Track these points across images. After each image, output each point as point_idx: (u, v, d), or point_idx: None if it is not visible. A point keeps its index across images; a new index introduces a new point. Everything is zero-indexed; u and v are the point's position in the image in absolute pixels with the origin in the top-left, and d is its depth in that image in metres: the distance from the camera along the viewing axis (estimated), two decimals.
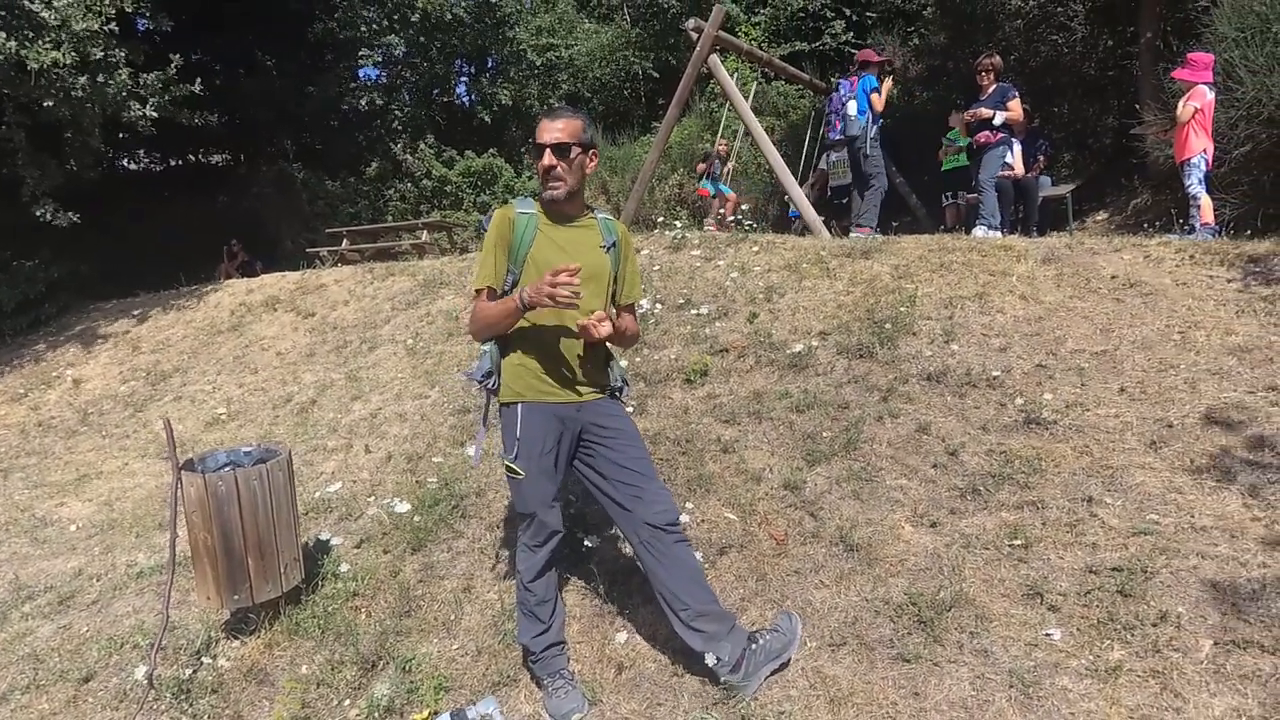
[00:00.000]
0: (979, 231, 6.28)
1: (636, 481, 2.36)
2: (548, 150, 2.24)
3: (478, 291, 2.39)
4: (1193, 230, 5.41)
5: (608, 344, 2.44)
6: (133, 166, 16.54)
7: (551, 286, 2.08)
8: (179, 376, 6.80)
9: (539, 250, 2.32)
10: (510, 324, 2.30)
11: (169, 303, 8.76)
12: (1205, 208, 5.39)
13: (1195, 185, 5.43)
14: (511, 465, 2.37)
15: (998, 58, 6.64)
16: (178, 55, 8.96)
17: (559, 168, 2.25)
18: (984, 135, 6.57)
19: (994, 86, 6.56)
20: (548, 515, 2.41)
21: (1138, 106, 7.52)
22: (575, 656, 2.64)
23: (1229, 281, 4.36)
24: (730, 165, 9.92)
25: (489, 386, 2.41)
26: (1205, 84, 5.43)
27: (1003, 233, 6.35)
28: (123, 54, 8.39)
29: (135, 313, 8.75)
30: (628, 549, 3.10)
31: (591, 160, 2.35)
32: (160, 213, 14.28)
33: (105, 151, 10.92)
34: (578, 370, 2.37)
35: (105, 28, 7.97)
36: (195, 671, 2.74)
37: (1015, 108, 6.45)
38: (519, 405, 2.37)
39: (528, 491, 2.38)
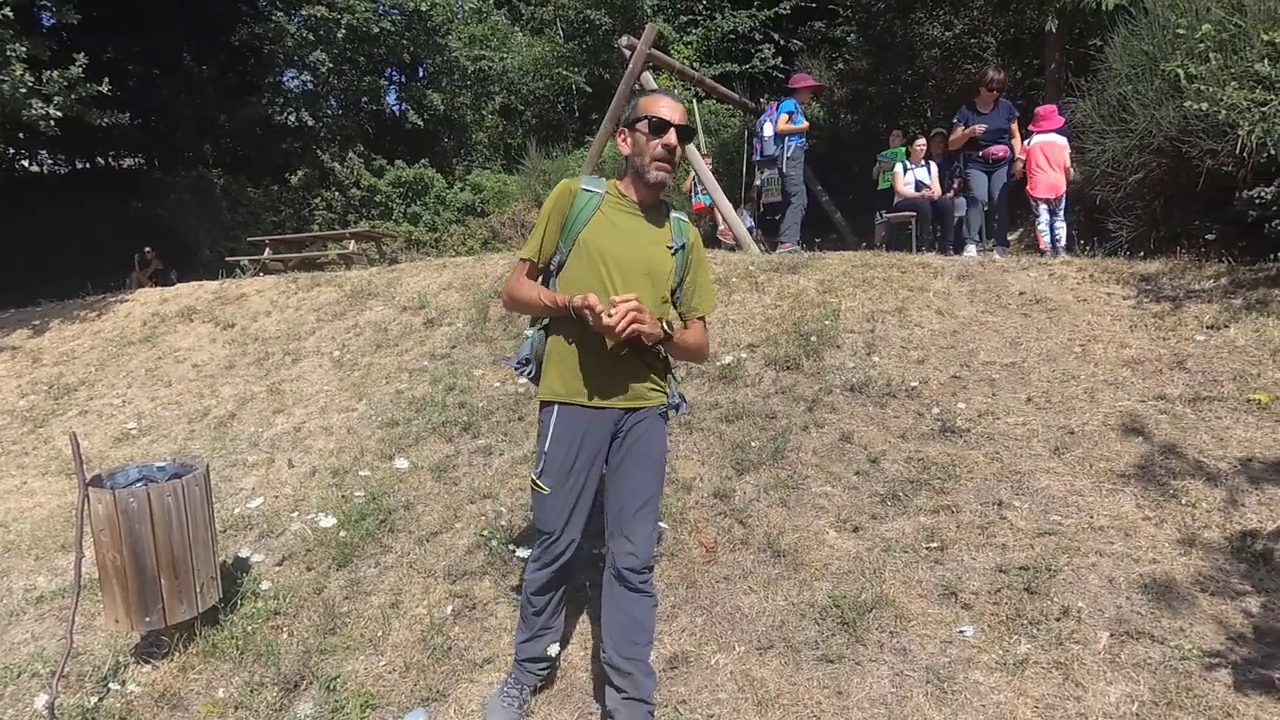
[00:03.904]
0: (971, 250, 6.51)
1: (623, 513, 2.19)
2: (674, 130, 2.07)
3: (522, 260, 2.20)
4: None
5: (665, 352, 2.26)
6: (34, 169, 15.64)
7: (608, 319, 1.91)
8: (85, 390, 6.43)
9: (594, 232, 2.12)
10: (549, 315, 2.16)
11: (73, 313, 8.28)
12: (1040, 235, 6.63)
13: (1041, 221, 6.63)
14: (537, 482, 2.19)
15: (1003, 74, 6.66)
16: (84, 53, 8.53)
17: (679, 151, 2.11)
18: (1001, 150, 6.59)
19: (998, 102, 6.60)
20: (569, 531, 2.22)
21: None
22: (507, 666, 2.62)
23: (1124, 299, 4.68)
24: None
25: (527, 374, 2.23)
26: (1041, 133, 6.62)
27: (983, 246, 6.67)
28: (22, 48, 7.93)
29: (35, 323, 8.23)
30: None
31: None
32: (65, 218, 13.54)
33: (3, 151, 10.27)
34: (631, 375, 2.16)
35: None
36: (101, 699, 2.59)
37: (1014, 128, 6.70)
38: (554, 408, 2.17)
39: (550, 508, 2.20)
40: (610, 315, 1.91)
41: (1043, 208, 6.62)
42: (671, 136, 2.08)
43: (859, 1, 11.03)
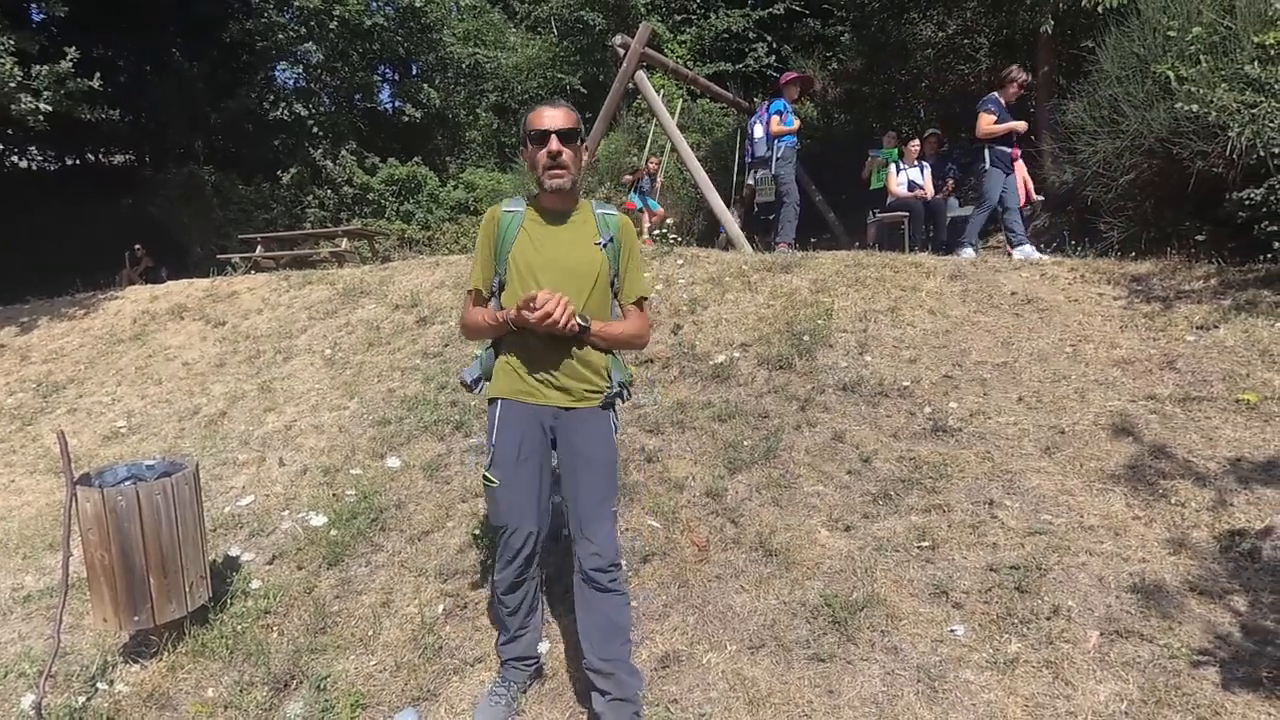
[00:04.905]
0: (1025, 252, 6.18)
1: (583, 515, 2.23)
2: (554, 136, 2.13)
3: (469, 292, 2.36)
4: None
5: (597, 344, 2.27)
6: (23, 164, 15.51)
7: (529, 316, 2.04)
8: (74, 388, 6.39)
9: (520, 250, 2.23)
10: (499, 334, 2.28)
11: (62, 310, 8.23)
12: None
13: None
14: (488, 475, 2.25)
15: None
16: (74, 48, 8.47)
17: (565, 154, 2.15)
18: (1018, 151, 6.44)
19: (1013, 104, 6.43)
20: (520, 527, 2.24)
21: (1033, 137, 8.03)
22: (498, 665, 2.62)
23: (1115, 299, 4.70)
24: (660, 182, 10.06)
25: (476, 391, 2.36)
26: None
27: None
28: (10, 42, 7.87)
29: (23, 320, 8.17)
30: (550, 559, 3.10)
31: (585, 154, 2.29)
32: (55, 214, 13.46)
33: None
34: (563, 375, 2.23)
35: None
36: (89, 699, 2.58)
37: None
38: (498, 402, 2.28)
39: (501, 501, 2.24)
40: (533, 310, 2.03)
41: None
42: (553, 143, 2.14)
43: (853, 1, 11.04)
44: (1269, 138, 4.50)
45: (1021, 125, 6.30)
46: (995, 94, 6.39)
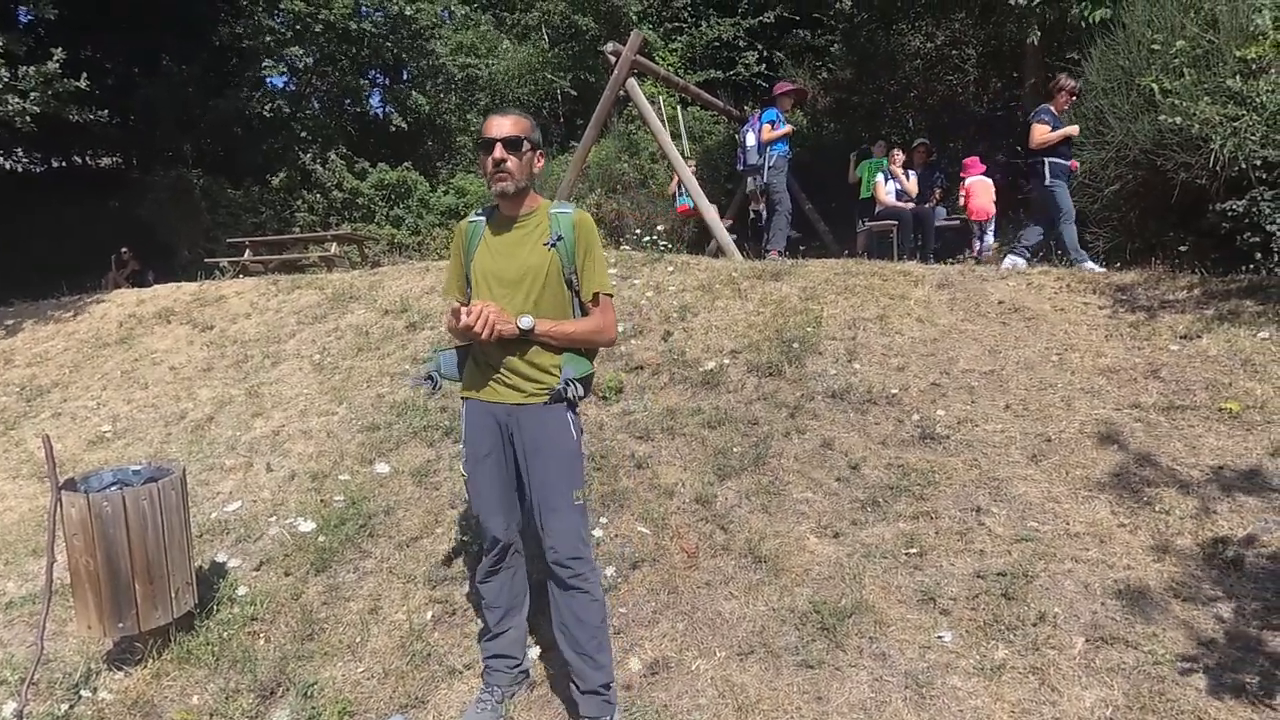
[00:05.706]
0: (1013, 261, 6.05)
1: (542, 508, 2.28)
2: (498, 144, 2.19)
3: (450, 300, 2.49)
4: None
5: (549, 344, 2.29)
6: (8, 166, 15.37)
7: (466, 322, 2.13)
8: (58, 392, 6.33)
9: (479, 258, 2.34)
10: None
11: (47, 313, 8.14)
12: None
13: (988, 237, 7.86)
14: (463, 470, 2.40)
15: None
16: (61, 49, 8.40)
17: (509, 161, 2.19)
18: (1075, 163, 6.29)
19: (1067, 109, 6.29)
20: (489, 520, 2.37)
21: (1020, 148, 8.12)
22: None
23: (1100, 308, 4.75)
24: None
25: (428, 388, 2.48)
26: (972, 176, 8.03)
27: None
28: None
29: (8, 323, 8.09)
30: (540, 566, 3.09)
31: (539, 161, 2.32)
32: (40, 216, 13.33)
33: None
34: (511, 374, 2.29)
35: None
36: (72, 706, 2.55)
37: None
38: (465, 403, 2.40)
39: (472, 493, 2.40)
40: (465, 319, 2.12)
41: (977, 227, 8.05)
42: (497, 150, 2.20)
43: (842, 11, 11.14)
44: (1250, 150, 4.57)
45: (1074, 130, 6.06)
46: (1047, 105, 6.18)
